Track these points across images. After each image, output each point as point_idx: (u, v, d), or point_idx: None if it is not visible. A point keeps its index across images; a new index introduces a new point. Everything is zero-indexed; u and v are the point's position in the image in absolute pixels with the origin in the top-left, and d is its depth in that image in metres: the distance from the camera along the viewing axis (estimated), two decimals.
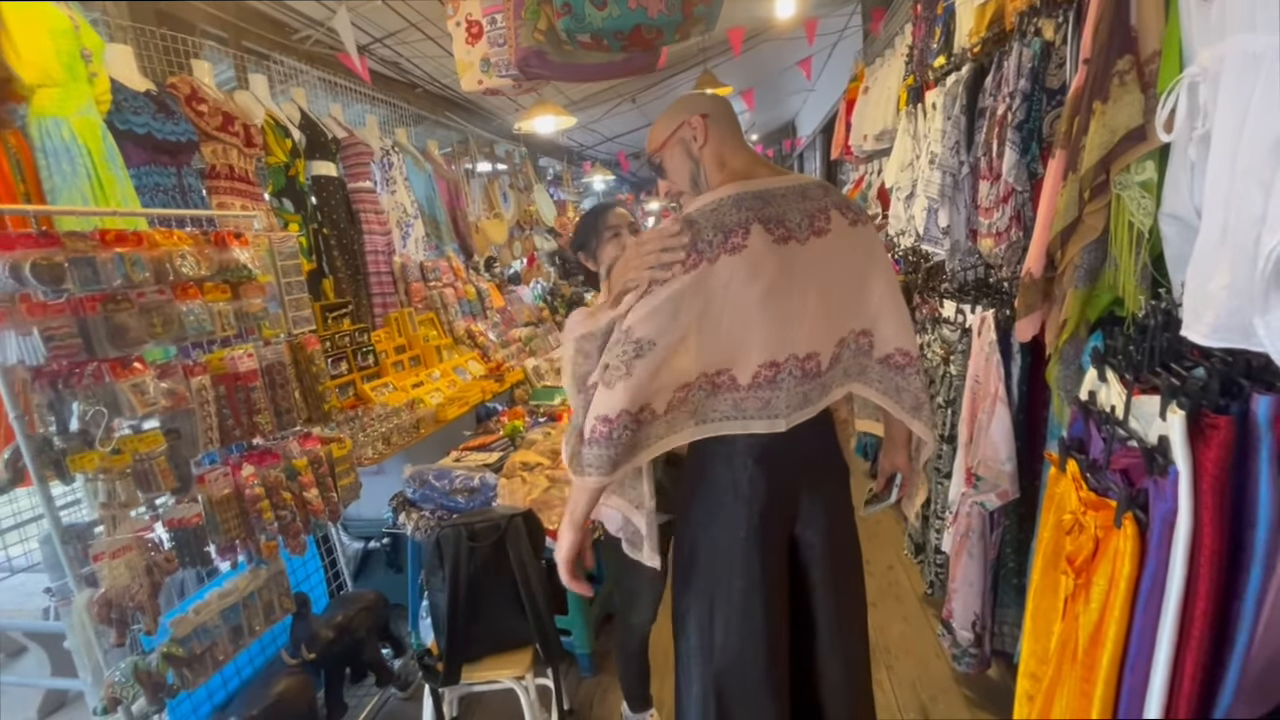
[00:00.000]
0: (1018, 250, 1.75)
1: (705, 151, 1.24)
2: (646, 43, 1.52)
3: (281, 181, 2.56)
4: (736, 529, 1.21)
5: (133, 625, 1.31)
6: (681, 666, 1.28)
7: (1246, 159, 0.81)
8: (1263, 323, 0.80)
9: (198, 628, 1.47)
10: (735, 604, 1.21)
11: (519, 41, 1.59)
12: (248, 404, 1.62)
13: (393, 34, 2.98)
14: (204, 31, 2.46)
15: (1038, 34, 1.70)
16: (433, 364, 3.02)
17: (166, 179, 2.02)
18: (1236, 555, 0.83)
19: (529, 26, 1.52)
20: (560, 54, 1.59)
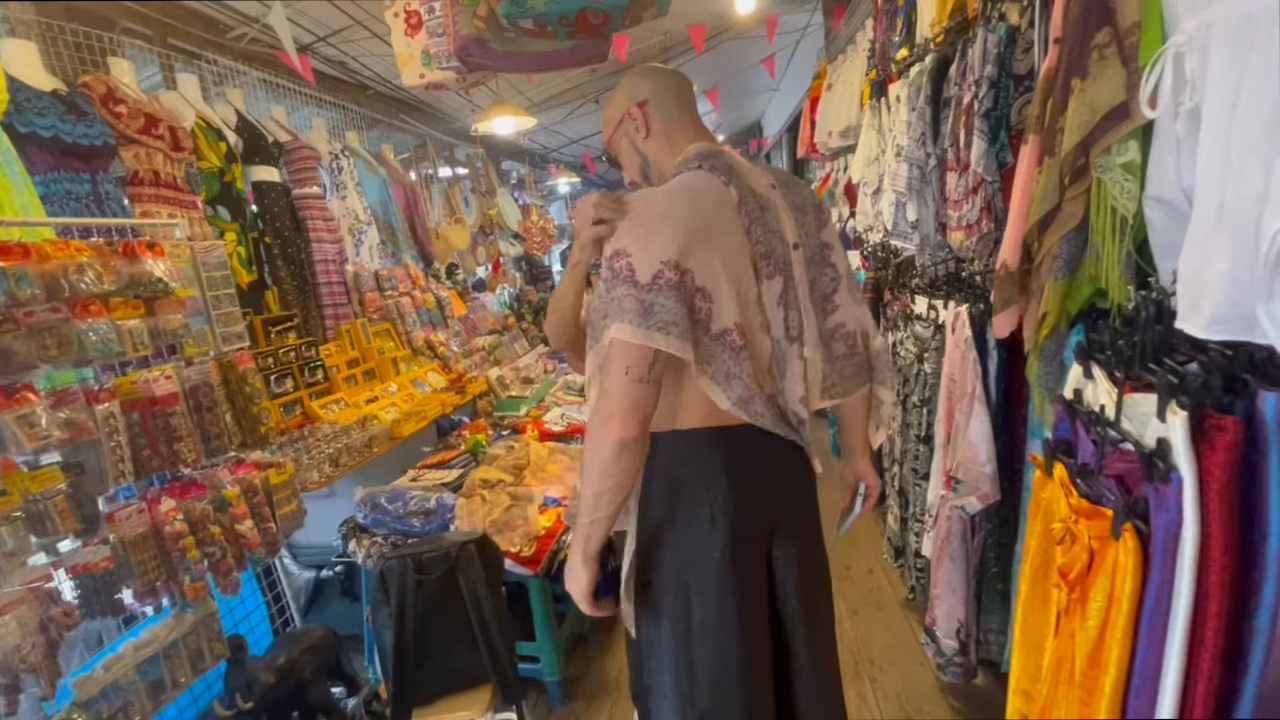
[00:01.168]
0: (989, 242, 1.69)
1: (650, 144, 1.16)
2: (594, 28, 1.42)
3: (216, 188, 2.39)
4: (713, 552, 1.11)
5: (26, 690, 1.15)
6: (656, 703, 1.17)
7: (1243, 133, 0.73)
8: (1266, 312, 0.73)
9: (108, 687, 1.31)
10: (711, 634, 1.11)
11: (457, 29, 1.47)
12: (167, 431, 1.46)
13: (337, 32, 2.83)
14: (125, 29, 2.28)
15: (1002, 19, 1.65)
16: (389, 377, 2.87)
17: (79, 186, 1.85)
18: (1247, 570, 0.75)
19: (467, 13, 1.41)
20: (502, 42, 1.48)
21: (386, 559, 1.38)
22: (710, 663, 1.13)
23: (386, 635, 1.39)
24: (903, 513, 2.27)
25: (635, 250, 0.99)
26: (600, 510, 1.05)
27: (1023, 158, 1.28)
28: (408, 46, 1.84)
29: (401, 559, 1.37)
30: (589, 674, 2.17)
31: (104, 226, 1.52)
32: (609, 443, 0.99)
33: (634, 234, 1.01)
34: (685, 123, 1.16)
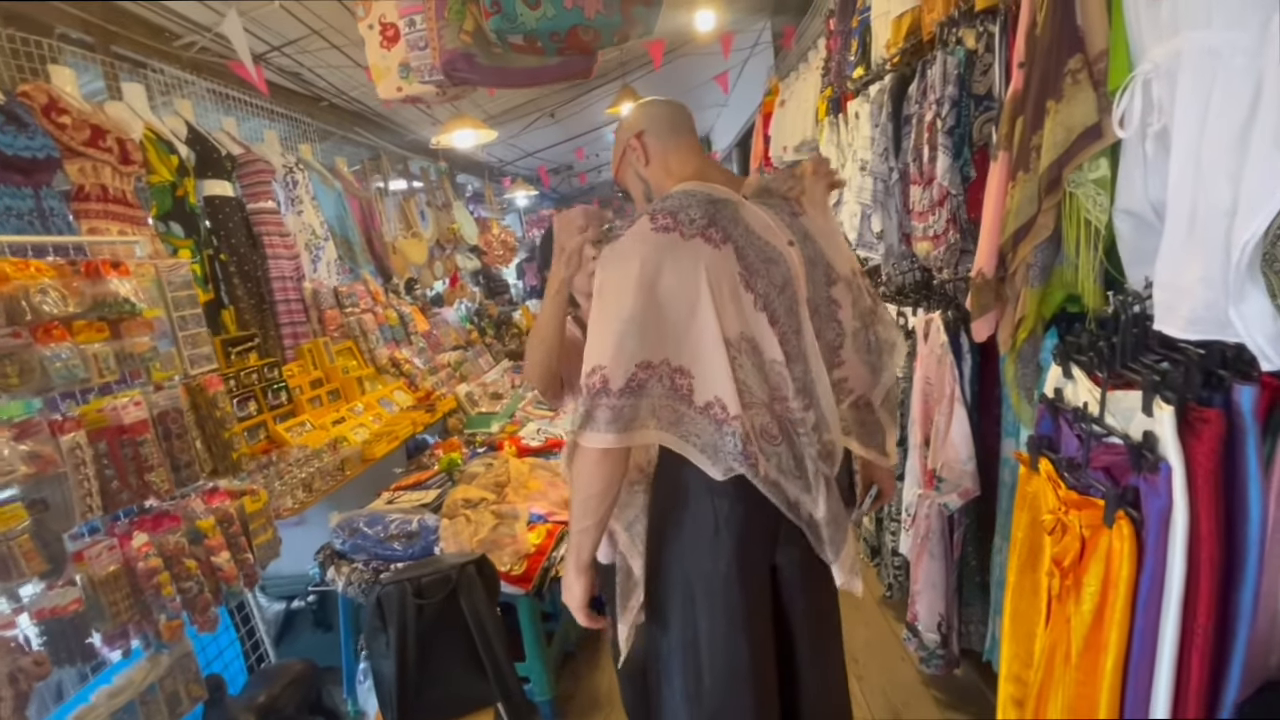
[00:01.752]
0: (956, 252, 1.78)
1: (650, 171, 1.22)
2: (583, 45, 1.44)
3: (168, 203, 2.27)
4: (718, 563, 1.13)
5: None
6: (668, 713, 1.18)
7: (1211, 153, 0.81)
8: (1238, 313, 0.80)
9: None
10: (720, 645, 1.13)
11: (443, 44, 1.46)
12: (136, 460, 1.38)
13: (292, 42, 2.75)
14: (63, 35, 2.15)
15: (959, 43, 1.75)
16: (354, 397, 2.77)
17: (20, 201, 1.73)
18: (1232, 548, 0.83)
19: (454, 27, 1.40)
20: (489, 57, 1.48)
21: (384, 585, 1.34)
22: (718, 671, 1.14)
23: (384, 664, 1.34)
24: (878, 513, 2.35)
25: (609, 361, 1.00)
26: (588, 518, 1.07)
27: (993, 173, 1.37)
28: (384, 59, 1.81)
29: (400, 583, 1.33)
30: (579, 691, 2.14)
31: (60, 245, 1.42)
32: (590, 450, 1.01)
33: (604, 339, 1.01)
34: (681, 147, 1.21)
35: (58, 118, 1.87)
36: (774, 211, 1.17)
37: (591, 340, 1.04)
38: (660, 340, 1.03)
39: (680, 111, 1.26)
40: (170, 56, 2.55)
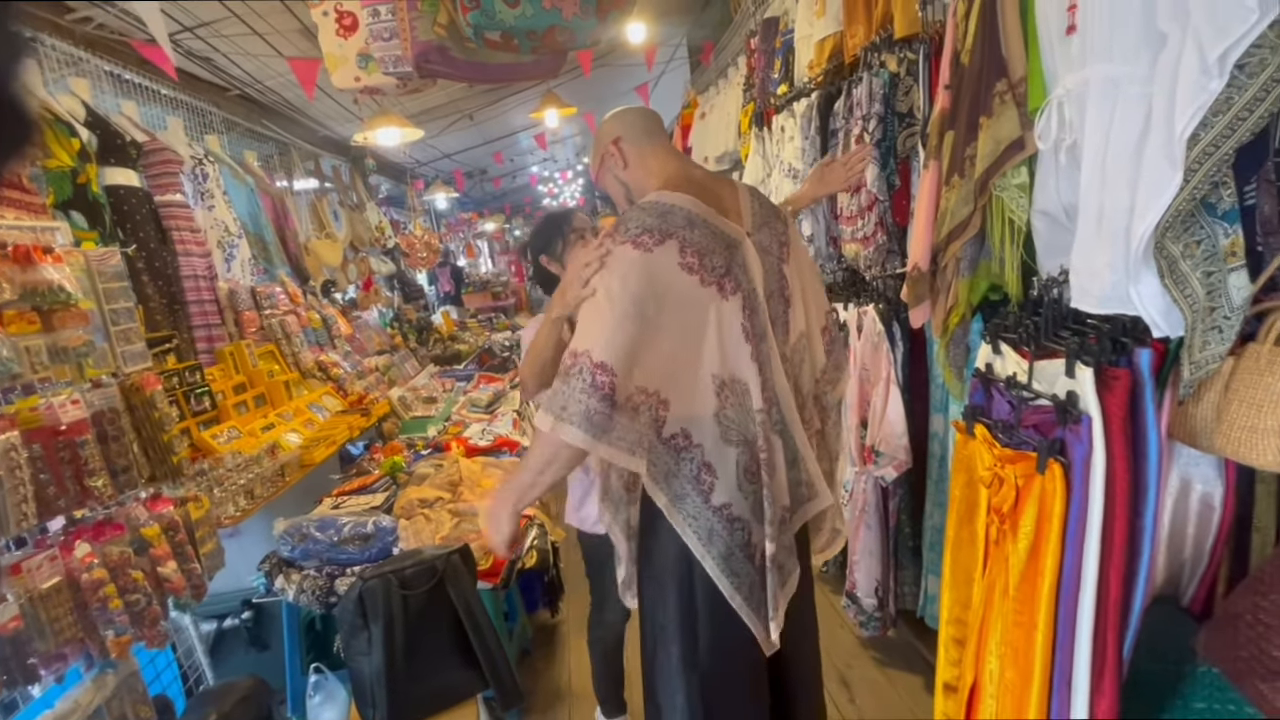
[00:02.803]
0: (884, 252, 1.99)
1: (628, 174, 1.29)
2: (558, 46, 1.49)
3: (67, 190, 2.06)
4: None
5: None
6: (663, 679, 1.24)
7: (1113, 163, 1.01)
8: (1136, 292, 1.00)
9: None
10: (719, 611, 1.21)
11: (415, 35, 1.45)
12: (75, 464, 1.26)
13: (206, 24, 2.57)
14: None
15: (883, 66, 1.97)
16: (281, 402, 2.62)
17: None
18: (1137, 480, 1.02)
19: (427, 20, 1.40)
20: (463, 51, 1.49)
21: (366, 580, 1.30)
22: (716, 639, 1.23)
23: (364, 661, 1.30)
24: None
25: (620, 370, 1.04)
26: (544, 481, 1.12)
27: (924, 180, 1.56)
28: (340, 48, 1.76)
29: (383, 577, 1.30)
30: (539, 687, 2.15)
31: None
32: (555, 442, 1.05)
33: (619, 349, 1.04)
34: (658, 150, 1.28)
35: None
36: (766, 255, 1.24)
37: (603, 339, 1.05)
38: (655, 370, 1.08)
39: (652, 117, 1.34)
40: (64, 31, 2.31)
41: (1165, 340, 1.02)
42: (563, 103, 4.81)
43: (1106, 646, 1.04)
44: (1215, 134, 0.88)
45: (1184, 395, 0.99)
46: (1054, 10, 1.09)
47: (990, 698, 1.27)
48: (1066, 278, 1.15)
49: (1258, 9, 0.80)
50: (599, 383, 1.03)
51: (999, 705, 1.25)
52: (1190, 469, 1.11)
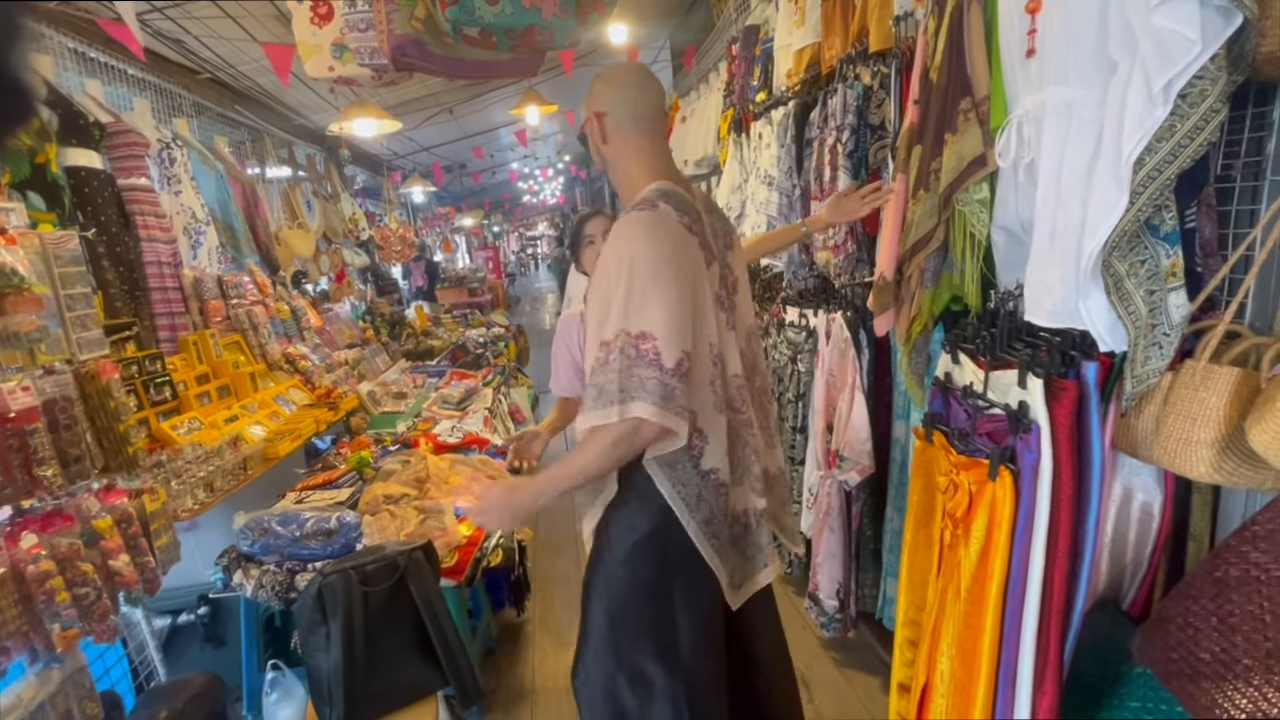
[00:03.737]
0: (853, 260, 2.03)
1: (607, 150, 1.27)
2: (537, 45, 1.49)
3: (25, 170, 1.99)
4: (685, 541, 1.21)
5: None
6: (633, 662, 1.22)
7: (1067, 182, 1.05)
8: (1084, 307, 1.04)
9: None
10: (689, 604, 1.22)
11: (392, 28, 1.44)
12: (24, 452, 1.22)
13: (177, 4, 2.50)
14: None
15: (858, 79, 2.01)
16: (246, 394, 2.57)
17: None
18: (1081, 488, 1.06)
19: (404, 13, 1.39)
20: (440, 46, 1.48)
21: (326, 575, 1.29)
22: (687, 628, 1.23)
23: (322, 658, 1.29)
24: None
25: (661, 335, 1.05)
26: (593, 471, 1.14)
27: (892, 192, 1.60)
28: (314, 36, 1.73)
29: (344, 572, 1.28)
30: (502, 685, 2.14)
31: None
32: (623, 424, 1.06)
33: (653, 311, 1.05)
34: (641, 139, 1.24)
35: None
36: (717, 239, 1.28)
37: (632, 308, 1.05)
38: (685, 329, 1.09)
39: (646, 97, 1.24)
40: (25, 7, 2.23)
41: (1111, 354, 1.07)
42: (544, 100, 4.79)
43: (1049, 647, 1.08)
44: (1159, 159, 0.92)
45: (1126, 408, 1.03)
46: (1015, 34, 1.13)
47: (941, 697, 1.31)
48: (1022, 291, 1.19)
49: (1200, 41, 0.84)
50: (643, 351, 1.05)
51: (949, 704, 1.29)
52: (1132, 478, 1.16)
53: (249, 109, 3.96)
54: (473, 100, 5.45)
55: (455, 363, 4.34)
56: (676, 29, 5.06)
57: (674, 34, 5.18)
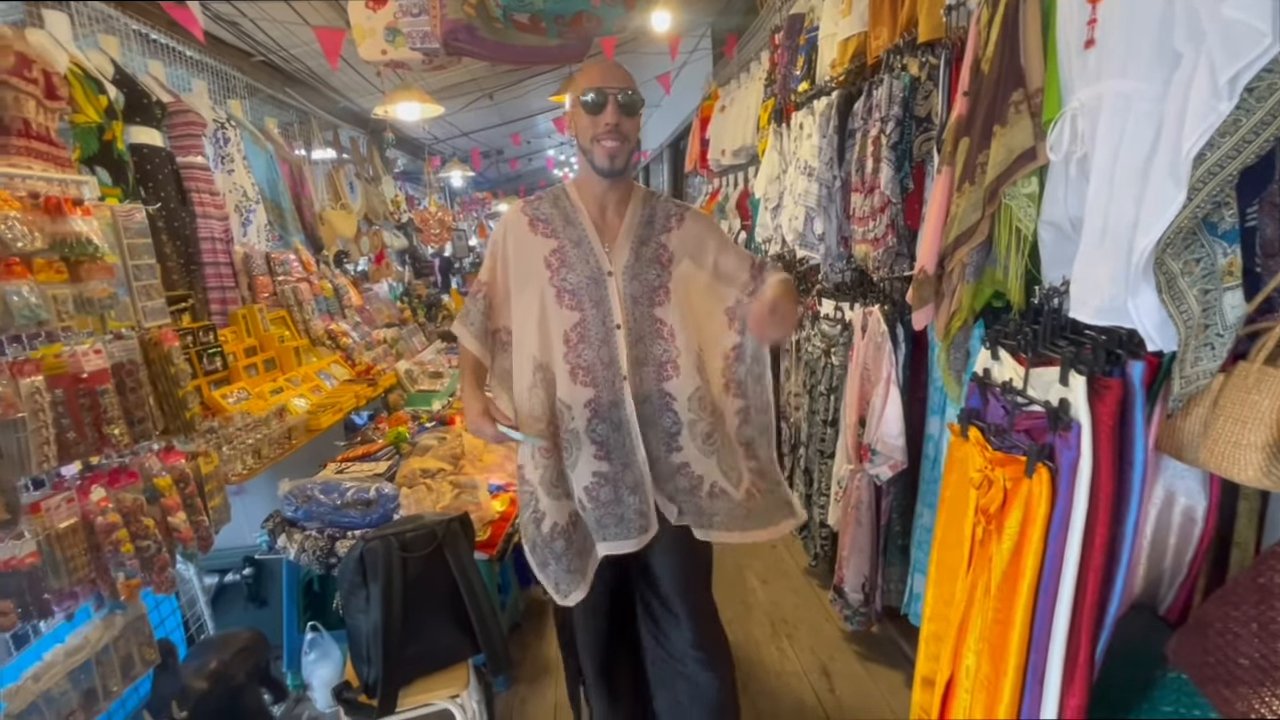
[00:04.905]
0: (892, 254, 2.01)
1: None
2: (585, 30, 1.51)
3: (94, 146, 2.10)
4: None
5: None
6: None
7: (1121, 177, 1.03)
8: (1134, 305, 1.02)
9: (39, 698, 1.14)
10: None
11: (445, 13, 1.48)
12: (94, 411, 1.30)
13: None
14: None
15: (905, 69, 1.98)
16: (290, 368, 2.66)
17: None
18: (1121, 488, 1.05)
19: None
20: (490, 31, 1.51)
21: (368, 540, 1.35)
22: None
23: (362, 619, 1.35)
24: (807, 490, 2.57)
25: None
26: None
27: (937, 185, 1.58)
28: (369, 20, 1.78)
29: (385, 538, 1.34)
30: (529, 658, 2.20)
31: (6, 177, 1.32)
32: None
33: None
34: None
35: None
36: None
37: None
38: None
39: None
40: None
41: (1159, 354, 1.05)
42: None
43: (1080, 648, 1.07)
44: (1221, 155, 0.90)
45: (1173, 409, 1.01)
46: (1074, 23, 1.11)
47: (965, 692, 1.31)
48: (1067, 288, 1.17)
49: (1270, 33, 0.82)
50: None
51: (973, 700, 1.29)
52: (1175, 482, 1.14)
53: (298, 91, 4.07)
54: (513, 86, 5.49)
55: None
56: (719, 16, 5.01)
57: (716, 21, 5.13)
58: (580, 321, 1.36)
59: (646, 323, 1.38)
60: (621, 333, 1.36)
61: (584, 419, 1.35)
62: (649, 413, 1.38)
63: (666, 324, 1.39)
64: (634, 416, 1.36)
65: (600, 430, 1.36)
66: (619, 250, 1.38)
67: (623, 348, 1.35)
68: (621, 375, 1.36)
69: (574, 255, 1.37)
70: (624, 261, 1.38)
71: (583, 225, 1.39)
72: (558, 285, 1.36)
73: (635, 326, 1.37)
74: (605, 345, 1.36)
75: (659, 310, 1.38)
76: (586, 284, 1.36)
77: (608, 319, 1.36)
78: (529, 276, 1.38)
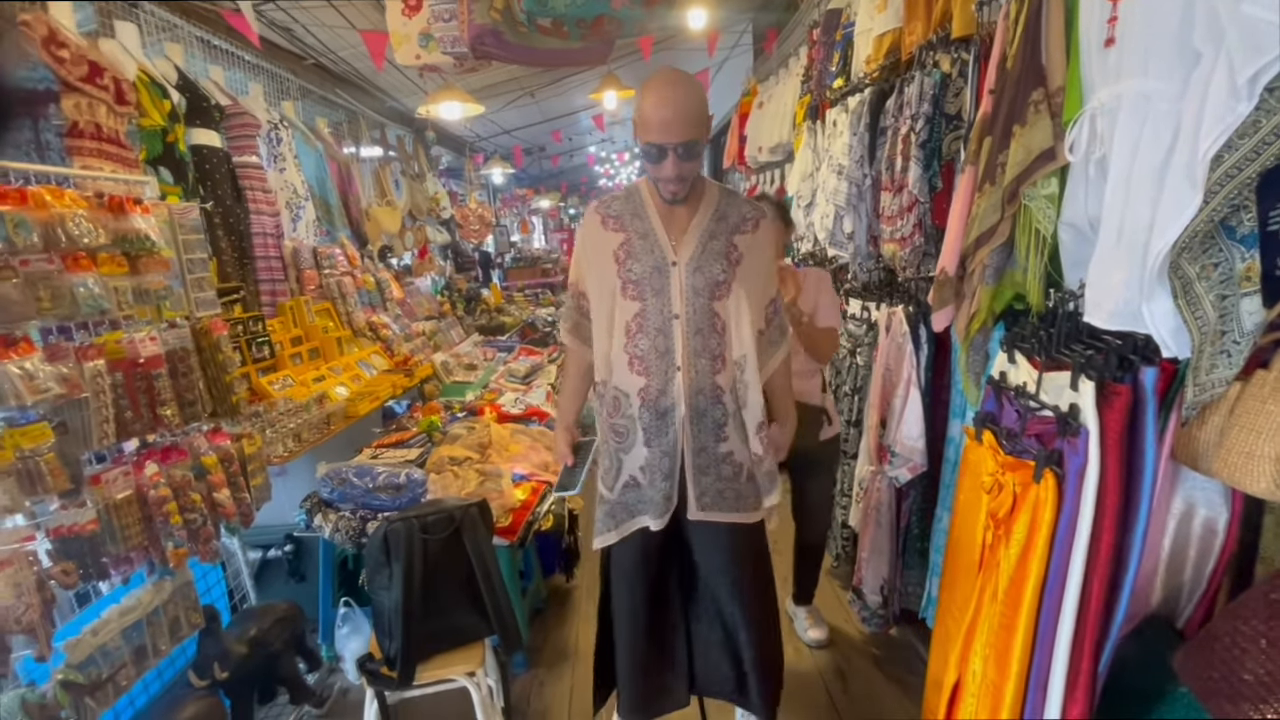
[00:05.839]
0: (919, 254, 1.98)
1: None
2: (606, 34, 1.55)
3: (158, 147, 2.25)
4: None
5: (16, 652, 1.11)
6: None
7: (1139, 178, 1.00)
8: (1148, 310, 1.00)
9: (97, 650, 1.26)
10: None
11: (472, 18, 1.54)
12: (150, 393, 1.42)
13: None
14: None
15: (936, 66, 1.94)
16: (333, 357, 2.80)
17: (19, 132, 1.72)
18: (1130, 496, 1.03)
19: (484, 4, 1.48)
20: (515, 35, 1.56)
21: (391, 521, 1.43)
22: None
23: (385, 596, 1.43)
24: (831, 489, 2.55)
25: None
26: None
27: (961, 185, 1.56)
28: (404, 26, 1.87)
29: (407, 520, 1.42)
30: (548, 643, 2.27)
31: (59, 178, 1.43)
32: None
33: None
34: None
35: (57, 50, 1.84)
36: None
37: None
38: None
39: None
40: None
41: (1175, 361, 1.02)
42: (622, 85, 4.84)
43: (1083, 657, 1.06)
44: (1239, 157, 0.87)
45: (1187, 417, 0.99)
46: (1095, 21, 1.09)
47: (971, 696, 1.30)
48: (1084, 291, 1.15)
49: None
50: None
51: (979, 704, 1.28)
52: (1196, 493, 1.11)
53: (347, 92, 4.24)
54: (553, 84, 5.57)
55: (524, 339, 4.52)
56: (760, 12, 4.97)
57: (757, 17, 5.09)
58: (640, 312, 1.41)
59: (704, 315, 1.41)
60: (679, 323, 1.40)
61: (636, 406, 1.42)
62: (702, 404, 1.42)
63: (721, 318, 1.42)
64: (682, 406, 1.41)
65: (645, 418, 1.41)
66: (686, 243, 1.42)
67: (680, 338, 1.40)
68: (675, 366, 1.40)
69: (640, 247, 1.41)
70: (690, 253, 1.41)
71: (650, 218, 1.42)
72: (624, 277, 1.41)
73: (694, 318, 1.40)
74: (662, 334, 1.40)
75: (717, 304, 1.41)
76: (650, 274, 1.40)
77: (666, 309, 1.40)
78: (602, 273, 1.43)
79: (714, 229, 1.43)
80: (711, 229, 1.43)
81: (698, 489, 1.44)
